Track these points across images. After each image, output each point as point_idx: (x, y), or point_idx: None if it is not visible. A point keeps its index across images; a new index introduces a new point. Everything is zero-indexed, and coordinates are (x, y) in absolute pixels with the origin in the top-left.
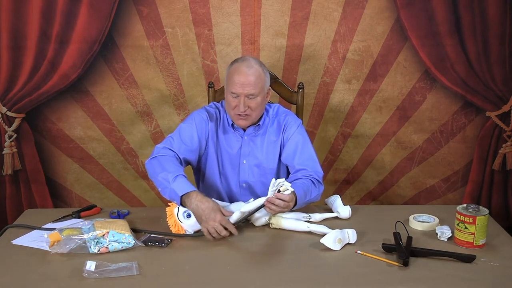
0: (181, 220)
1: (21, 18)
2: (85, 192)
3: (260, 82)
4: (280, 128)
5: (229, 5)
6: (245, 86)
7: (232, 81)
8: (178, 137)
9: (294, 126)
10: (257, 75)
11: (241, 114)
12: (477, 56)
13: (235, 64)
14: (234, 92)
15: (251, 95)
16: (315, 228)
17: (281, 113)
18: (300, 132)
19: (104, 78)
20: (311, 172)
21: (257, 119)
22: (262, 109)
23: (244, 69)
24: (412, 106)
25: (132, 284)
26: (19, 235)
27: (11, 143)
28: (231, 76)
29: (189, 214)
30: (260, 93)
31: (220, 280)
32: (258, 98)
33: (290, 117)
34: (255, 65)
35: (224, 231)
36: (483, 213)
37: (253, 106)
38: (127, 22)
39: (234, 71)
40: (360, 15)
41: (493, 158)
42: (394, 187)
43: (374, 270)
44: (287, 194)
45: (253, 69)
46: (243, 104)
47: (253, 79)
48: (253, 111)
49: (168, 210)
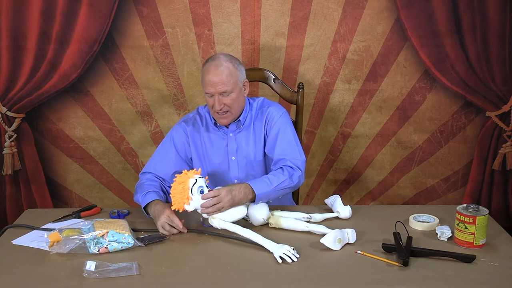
0: (193, 193)
1: (21, 18)
2: (85, 192)
3: (232, 78)
4: (263, 120)
5: (229, 5)
6: (216, 85)
7: (204, 81)
8: (155, 157)
9: (276, 117)
10: (227, 72)
11: (219, 112)
12: (477, 56)
13: (206, 65)
14: (208, 92)
15: (224, 92)
16: (314, 228)
17: (265, 105)
18: (281, 122)
19: (104, 78)
20: (287, 160)
21: (238, 114)
22: (241, 104)
23: (213, 69)
24: (412, 106)
25: (132, 284)
26: (19, 235)
27: (11, 143)
28: (203, 77)
29: (202, 190)
30: (234, 88)
31: (220, 280)
32: (233, 94)
33: (272, 108)
34: (225, 62)
35: (167, 226)
36: (483, 213)
37: (229, 103)
38: (127, 22)
39: (205, 72)
40: (360, 15)
41: (493, 158)
42: (394, 187)
43: (374, 270)
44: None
45: (223, 67)
46: (217, 102)
47: (224, 77)
48: (230, 107)
49: (180, 177)
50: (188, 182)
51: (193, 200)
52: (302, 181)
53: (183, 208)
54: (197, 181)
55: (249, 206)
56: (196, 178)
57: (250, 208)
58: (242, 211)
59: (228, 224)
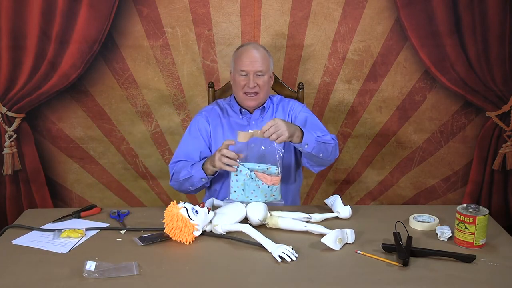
0: (192, 218)
1: (21, 18)
2: (85, 192)
3: (266, 61)
4: (286, 111)
5: (229, 5)
6: (254, 63)
7: (240, 60)
8: (183, 146)
9: (299, 107)
10: (263, 55)
11: (250, 92)
12: (477, 56)
13: (242, 47)
14: (244, 69)
15: (259, 71)
16: (313, 228)
17: (285, 100)
18: (306, 111)
19: (104, 78)
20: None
21: (264, 99)
22: (268, 90)
23: (252, 49)
24: (412, 106)
25: (132, 284)
26: (19, 235)
27: (11, 143)
28: (239, 56)
29: (196, 210)
30: (267, 72)
31: (220, 280)
32: (265, 77)
33: (293, 102)
34: (261, 48)
35: (226, 157)
36: (483, 213)
37: (261, 84)
38: (127, 22)
39: (242, 52)
40: (360, 15)
41: (493, 158)
42: (394, 187)
43: (374, 270)
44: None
45: (260, 49)
46: (252, 80)
47: (261, 57)
48: (260, 89)
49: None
50: (180, 213)
51: (197, 224)
52: (337, 152)
53: (194, 236)
54: (186, 208)
55: (247, 207)
56: (183, 206)
57: (247, 208)
58: (242, 211)
59: (229, 225)
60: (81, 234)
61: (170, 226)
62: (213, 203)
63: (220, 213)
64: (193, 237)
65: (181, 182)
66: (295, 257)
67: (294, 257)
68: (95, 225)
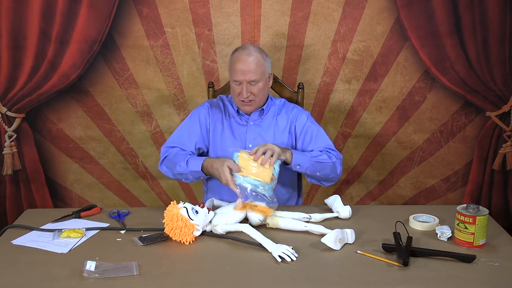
0: (192, 218)
1: (21, 18)
2: (85, 192)
3: (260, 68)
4: (288, 116)
5: (229, 5)
6: (246, 73)
7: (234, 69)
8: (179, 132)
9: (304, 116)
10: (257, 62)
11: (244, 100)
12: (477, 56)
13: (236, 53)
14: (237, 80)
15: (252, 81)
16: (313, 228)
17: (288, 105)
18: (312, 121)
19: (104, 78)
20: (326, 148)
21: (261, 103)
22: (265, 94)
23: (244, 57)
24: (412, 106)
25: (132, 284)
26: (19, 235)
27: (11, 143)
28: (233, 64)
29: (196, 210)
30: (261, 78)
31: (220, 280)
32: (260, 84)
33: (297, 109)
34: (255, 53)
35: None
36: (483, 213)
37: (255, 92)
38: (127, 22)
39: (236, 60)
40: (360, 15)
41: (493, 158)
42: (394, 187)
43: (374, 270)
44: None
45: (253, 57)
46: (245, 90)
47: (253, 66)
48: (256, 96)
49: (168, 216)
50: (180, 213)
51: (197, 223)
52: (340, 168)
53: (194, 236)
54: (186, 207)
55: None
56: (183, 206)
57: None
58: (242, 212)
59: (229, 225)
60: (81, 234)
61: (170, 226)
62: (213, 203)
63: (220, 213)
64: (193, 237)
65: (174, 173)
66: (295, 257)
67: (294, 257)
68: (95, 225)
